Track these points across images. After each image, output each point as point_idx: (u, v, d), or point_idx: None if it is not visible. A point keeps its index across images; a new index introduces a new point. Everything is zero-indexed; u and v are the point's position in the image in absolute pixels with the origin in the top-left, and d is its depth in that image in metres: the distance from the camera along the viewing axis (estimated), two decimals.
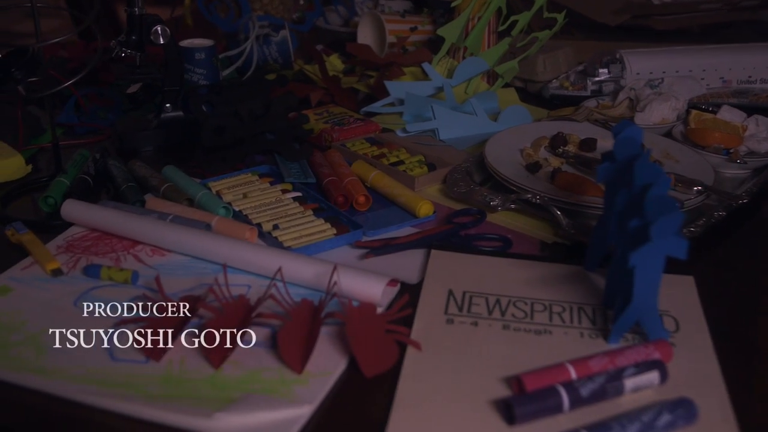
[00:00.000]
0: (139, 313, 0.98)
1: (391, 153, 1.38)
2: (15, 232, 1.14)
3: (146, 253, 1.12)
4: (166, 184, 1.24)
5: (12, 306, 1.00)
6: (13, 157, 1.31)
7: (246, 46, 1.69)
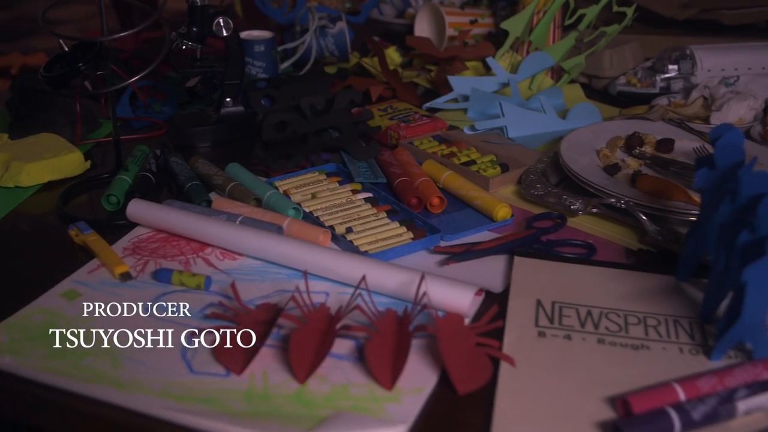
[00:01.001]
0: (216, 323, 0.93)
1: (461, 152, 1.32)
2: (79, 232, 1.10)
3: (216, 257, 1.07)
4: (232, 183, 1.19)
5: (82, 312, 0.96)
6: (73, 154, 1.27)
7: (305, 38, 1.63)
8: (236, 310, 0.94)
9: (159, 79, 1.58)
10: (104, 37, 1.08)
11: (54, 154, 1.26)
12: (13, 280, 1.03)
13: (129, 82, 1.12)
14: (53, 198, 1.23)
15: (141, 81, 1.49)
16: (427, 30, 1.83)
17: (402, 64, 1.72)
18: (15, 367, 0.87)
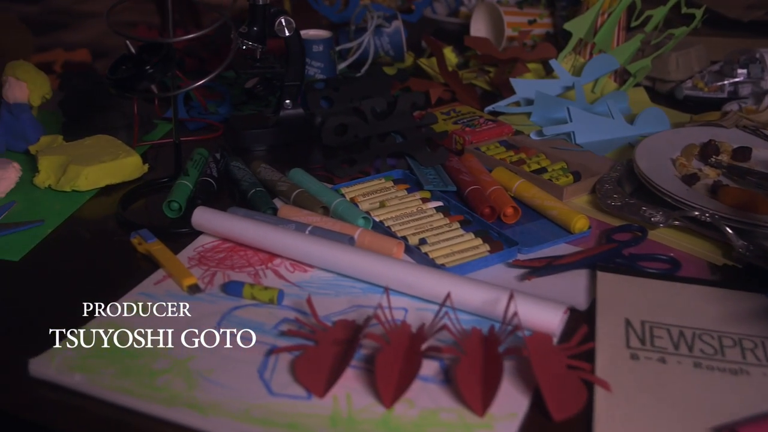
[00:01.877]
0: (293, 340, 0.88)
1: (530, 159, 1.27)
2: (142, 240, 1.05)
3: (286, 268, 1.03)
4: (298, 189, 1.15)
5: (151, 327, 0.91)
6: (131, 157, 1.23)
7: (364, 38, 1.58)
8: (313, 327, 0.90)
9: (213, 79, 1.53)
10: (171, 38, 1.03)
11: (112, 157, 1.21)
12: (76, 290, 0.99)
13: (197, 85, 1.07)
14: (111, 203, 1.19)
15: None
16: (483, 30, 1.78)
17: (458, 65, 1.67)
18: (86, 386, 0.83)
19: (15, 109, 1.30)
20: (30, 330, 0.92)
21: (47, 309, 0.96)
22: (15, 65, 1.28)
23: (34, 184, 1.22)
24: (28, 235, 1.10)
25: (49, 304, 0.97)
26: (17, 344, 0.90)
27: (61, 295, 0.98)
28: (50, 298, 0.98)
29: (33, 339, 0.90)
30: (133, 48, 1.04)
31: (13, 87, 1.28)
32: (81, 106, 1.33)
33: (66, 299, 0.97)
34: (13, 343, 0.90)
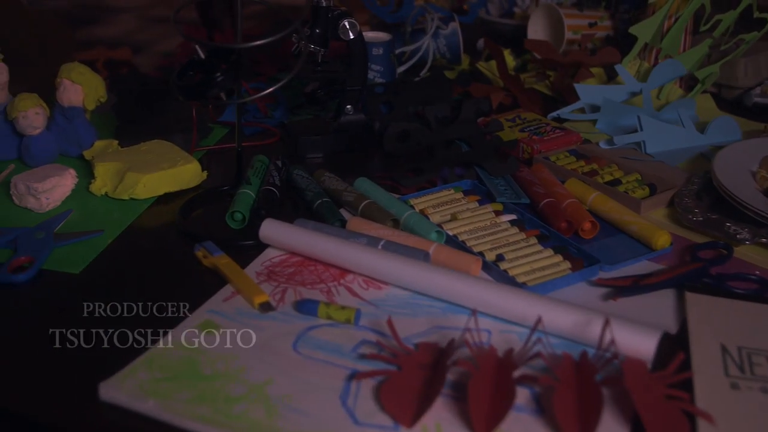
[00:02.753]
0: (375, 364, 0.84)
1: (602, 170, 1.22)
2: (207, 253, 1.01)
3: (360, 285, 0.98)
4: (366, 200, 1.10)
5: (224, 348, 0.87)
6: (190, 164, 1.18)
7: (424, 41, 1.53)
8: (396, 351, 0.85)
9: (266, 82, 1.49)
10: (241, 44, 0.98)
11: (171, 164, 1.17)
12: (142, 306, 0.94)
13: (266, 93, 1.03)
14: (171, 211, 1.14)
15: (253, 84, 1.40)
16: (541, 32, 1.73)
17: (514, 68, 1.62)
18: (160, 412, 0.78)
19: (69, 113, 1.25)
20: (96, 349, 0.87)
21: (112, 326, 0.91)
22: (70, 67, 1.24)
23: (90, 191, 1.18)
24: (88, 246, 1.06)
25: (113, 321, 0.92)
26: (84, 365, 0.85)
27: (128, 311, 0.94)
28: (115, 314, 0.93)
29: (100, 359, 0.85)
30: (202, 53, 0.99)
31: (68, 90, 1.24)
32: (135, 110, 1.29)
33: (132, 316, 0.92)
34: (80, 363, 0.86)
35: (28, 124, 1.22)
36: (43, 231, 1.06)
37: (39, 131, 1.24)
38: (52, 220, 1.09)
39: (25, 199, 1.13)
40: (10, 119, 1.23)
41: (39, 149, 1.24)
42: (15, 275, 0.99)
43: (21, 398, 0.81)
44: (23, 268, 1.01)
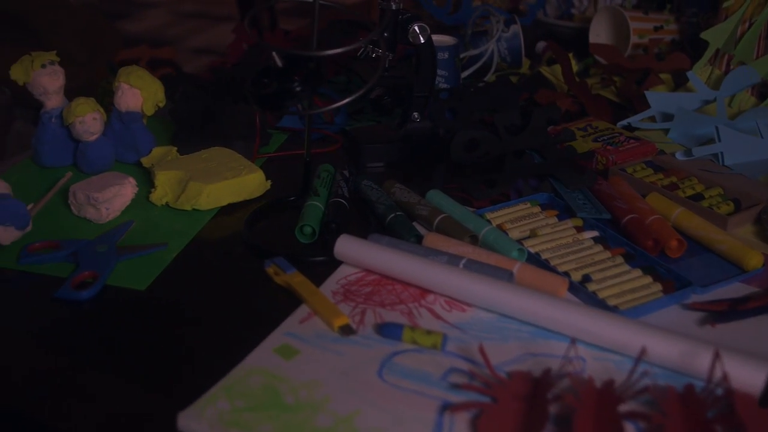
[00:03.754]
0: (469, 395, 0.79)
1: (682, 183, 1.16)
2: (279, 270, 0.96)
3: (442, 306, 0.93)
4: (441, 215, 1.05)
5: (305, 375, 0.82)
6: (254, 173, 1.13)
7: (490, 45, 1.48)
8: (488, 381, 0.80)
9: (327, 86, 1.43)
10: (317, 51, 0.93)
11: (234, 173, 1.12)
12: (212, 326, 0.91)
13: (342, 104, 0.97)
14: (235, 223, 1.10)
15: (318, 90, 1.35)
16: (603, 35, 1.67)
17: (576, 74, 1.56)
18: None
19: (126, 118, 1.20)
20: (170, 374, 0.83)
21: (185, 349, 0.87)
22: (129, 71, 1.19)
23: (150, 201, 1.13)
24: (152, 260, 1.01)
25: (185, 342, 0.88)
26: (159, 392, 0.80)
27: (198, 332, 0.89)
28: (186, 335, 0.89)
29: (175, 385, 0.81)
30: (279, 60, 0.94)
31: (127, 94, 1.19)
32: (193, 115, 1.23)
33: (204, 337, 0.88)
34: (154, 390, 0.81)
35: (85, 130, 1.17)
36: (105, 244, 1.02)
37: (96, 137, 1.19)
38: (113, 232, 1.05)
39: (84, 209, 1.08)
40: (66, 124, 1.18)
41: (95, 156, 1.20)
42: (79, 292, 0.94)
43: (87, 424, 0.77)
44: (86, 283, 0.97)
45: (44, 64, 1.17)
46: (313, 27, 0.94)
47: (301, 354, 0.85)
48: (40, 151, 1.22)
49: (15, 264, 1.01)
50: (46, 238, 1.05)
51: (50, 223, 1.09)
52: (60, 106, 1.20)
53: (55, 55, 1.19)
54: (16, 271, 1.00)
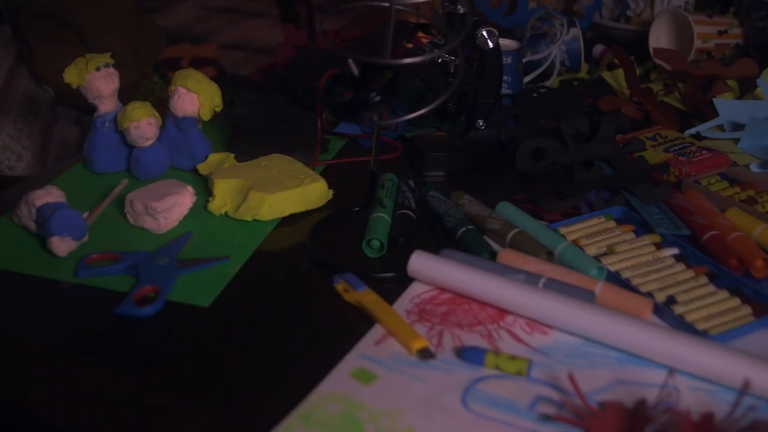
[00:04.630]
0: (560, 427, 0.75)
1: (761, 197, 1.11)
2: (349, 287, 0.91)
3: (522, 329, 0.88)
4: (514, 229, 1.00)
5: (385, 402, 0.78)
6: (317, 183, 1.09)
7: (553, 49, 1.43)
8: (579, 411, 0.75)
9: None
10: (392, 60, 0.88)
11: (296, 182, 1.08)
12: (280, 346, 0.87)
13: (415, 115, 0.92)
14: (296, 234, 1.05)
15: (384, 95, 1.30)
16: (664, 39, 1.62)
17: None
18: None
19: (182, 123, 1.16)
20: (238, 398, 0.79)
21: (253, 370, 0.82)
22: (185, 75, 1.15)
23: (209, 210, 1.08)
24: (214, 274, 0.97)
25: (253, 364, 0.84)
26: (227, 418, 0.76)
27: (266, 352, 0.85)
28: (254, 356, 0.85)
29: (244, 410, 0.77)
30: (355, 69, 0.89)
31: (183, 99, 1.15)
32: (251, 120, 1.19)
33: (273, 358, 0.84)
34: (222, 413, 0.77)
35: (140, 135, 1.13)
36: (165, 256, 0.98)
37: (151, 143, 1.15)
38: (173, 244, 1.01)
39: (142, 219, 1.04)
40: (120, 129, 1.14)
41: (150, 162, 1.15)
42: (141, 307, 0.90)
43: None
44: (148, 299, 0.92)
45: (99, 66, 1.13)
46: (387, 33, 0.89)
47: (379, 378, 0.81)
48: (92, 157, 1.18)
49: (72, 276, 0.97)
50: (102, 249, 1.01)
51: (106, 232, 1.05)
52: (114, 110, 1.16)
53: (109, 57, 1.14)
54: (73, 284, 0.96)
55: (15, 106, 1.66)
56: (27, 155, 1.64)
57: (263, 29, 4.40)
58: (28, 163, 1.64)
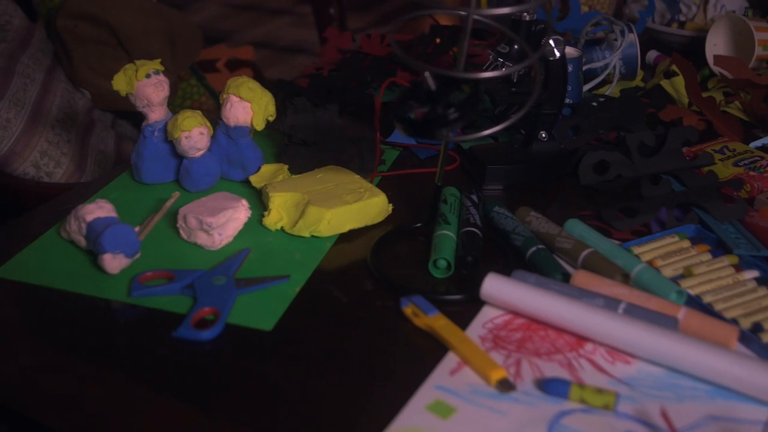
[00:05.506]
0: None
1: None
2: (419, 311, 0.86)
3: (603, 357, 0.83)
4: (587, 249, 0.95)
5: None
6: (377, 197, 1.05)
7: (614, 57, 1.37)
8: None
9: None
10: (475, 72, 0.84)
11: (356, 197, 1.03)
12: (348, 374, 0.82)
13: (493, 131, 0.88)
14: (356, 251, 1.01)
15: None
16: (722, 45, 1.56)
17: None
18: None
19: (234, 133, 1.12)
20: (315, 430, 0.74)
21: (321, 400, 0.78)
22: (239, 83, 1.10)
23: (264, 225, 1.04)
24: (274, 295, 0.93)
25: (321, 393, 0.79)
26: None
27: (333, 380, 0.81)
28: (321, 384, 0.81)
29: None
30: (433, 83, 0.85)
31: (236, 108, 1.10)
32: (304, 130, 1.15)
33: (341, 387, 0.80)
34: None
35: (192, 146, 1.08)
36: (222, 276, 0.93)
37: (201, 153, 1.10)
38: (230, 262, 0.96)
39: (195, 235, 1.00)
40: (170, 139, 1.09)
41: (200, 173, 1.11)
42: (200, 331, 0.85)
43: None
44: (206, 321, 0.88)
45: (149, 73, 1.09)
46: (463, 44, 0.85)
47: (457, 412, 0.76)
48: (140, 168, 1.13)
49: (126, 296, 0.93)
50: (154, 266, 0.97)
51: (157, 248, 1.01)
52: (163, 119, 1.12)
53: (159, 63, 1.10)
54: (126, 304, 0.92)
55: (53, 109, 1.62)
56: (66, 161, 1.60)
57: (287, 27, 4.36)
58: (67, 169, 1.60)
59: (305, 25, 4.26)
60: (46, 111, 1.62)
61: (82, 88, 1.79)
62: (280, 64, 3.74)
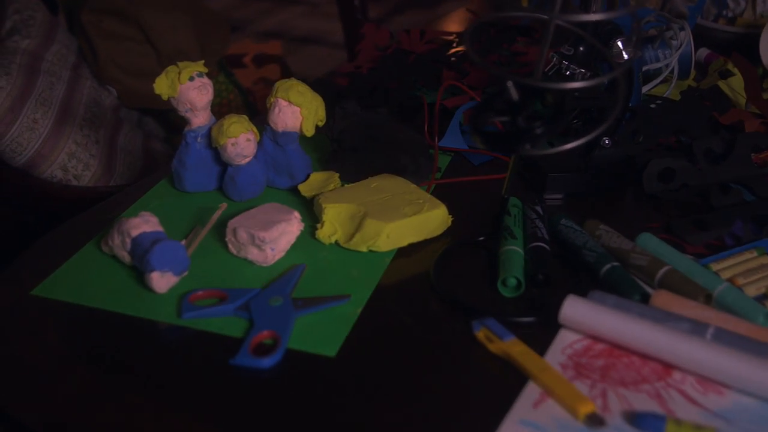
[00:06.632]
0: None
1: None
2: (493, 336, 0.81)
3: (693, 387, 0.78)
4: (665, 267, 0.89)
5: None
6: (437, 209, 0.99)
7: (674, 58, 1.31)
8: None
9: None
10: (563, 83, 0.78)
11: (415, 209, 0.97)
12: (420, 405, 0.77)
13: (571, 146, 0.82)
14: (416, 267, 0.96)
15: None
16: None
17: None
18: None
19: (282, 139, 1.06)
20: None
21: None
22: (287, 86, 1.04)
23: (317, 238, 0.98)
24: (335, 317, 0.87)
25: (393, 427, 0.73)
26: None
27: (405, 413, 0.76)
28: (393, 417, 0.76)
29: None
30: (515, 94, 0.78)
31: (285, 112, 1.04)
32: (353, 135, 1.09)
33: (414, 420, 0.75)
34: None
35: (238, 153, 1.02)
36: (279, 295, 0.88)
37: (248, 160, 1.04)
38: (284, 280, 0.90)
39: (246, 250, 0.94)
40: (215, 146, 1.03)
41: (246, 182, 1.05)
42: (259, 358, 0.80)
43: None
44: (264, 345, 0.82)
45: (192, 76, 1.03)
46: (542, 51, 0.78)
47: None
48: (182, 175, 1.07)
49: (175, 317, 0.87)
50: (203, 284, 0.91)
51: (205, 264, 0.95)
52: (207, 124, 1.06)
53: (202, 65, 1.04)
54: (175, 326, 0.86)
55: (80, 108, 1.56)
56: (94, 163, 1.54)
57: (300, 17, 4.29)
58: (95, 171, 1.53)
59: (319, 15, 4.19)
60: (74, 111, 1.55)
61: (108, 85, 1.73)
62: (295, 53, 3.67)
